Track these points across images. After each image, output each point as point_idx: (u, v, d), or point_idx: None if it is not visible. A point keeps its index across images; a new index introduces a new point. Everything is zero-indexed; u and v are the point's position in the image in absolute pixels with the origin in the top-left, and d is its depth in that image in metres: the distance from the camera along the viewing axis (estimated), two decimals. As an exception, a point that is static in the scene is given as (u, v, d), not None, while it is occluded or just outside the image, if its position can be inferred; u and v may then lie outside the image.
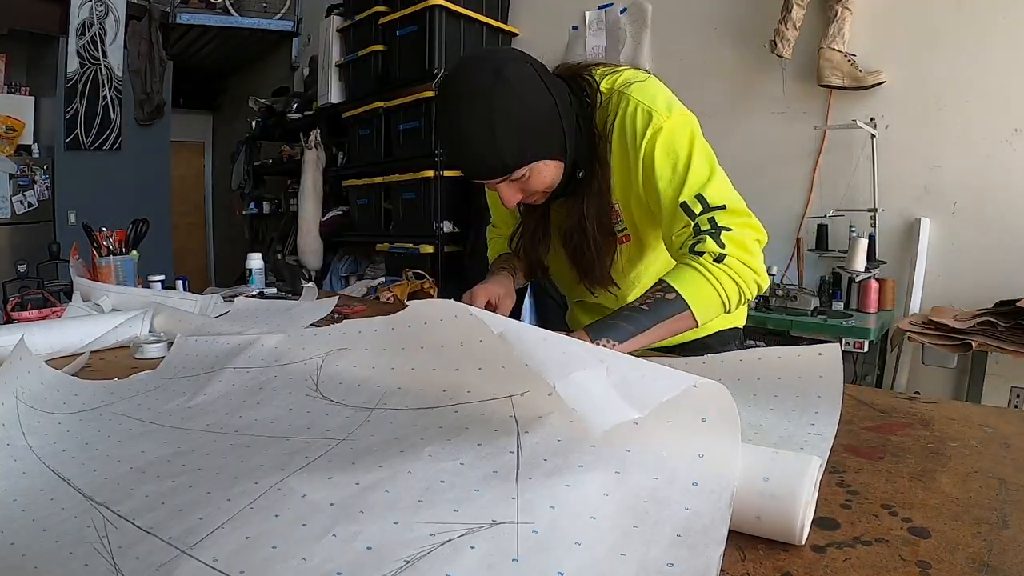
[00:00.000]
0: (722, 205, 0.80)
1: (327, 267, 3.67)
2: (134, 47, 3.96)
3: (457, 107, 0.76)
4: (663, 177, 0.83)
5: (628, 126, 0.85)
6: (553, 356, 0.42)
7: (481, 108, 0.75)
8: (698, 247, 0.78)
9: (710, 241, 0.77)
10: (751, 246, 0.79)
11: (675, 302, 0.75)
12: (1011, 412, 0.63)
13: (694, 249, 0.78)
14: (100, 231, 1.52)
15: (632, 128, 0.84)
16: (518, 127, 0.76)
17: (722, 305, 0.78)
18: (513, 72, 0.76)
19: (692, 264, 0.77)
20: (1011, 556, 0.36)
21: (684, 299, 0.75)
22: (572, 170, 0.86)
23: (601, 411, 0.37)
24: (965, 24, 2.00)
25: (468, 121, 0.75)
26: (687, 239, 0.80)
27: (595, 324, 0.75)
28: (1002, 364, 1.84)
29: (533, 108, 0.77)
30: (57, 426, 0.61)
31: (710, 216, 0.79)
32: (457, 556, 0.33)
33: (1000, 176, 1.97)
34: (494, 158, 0.77)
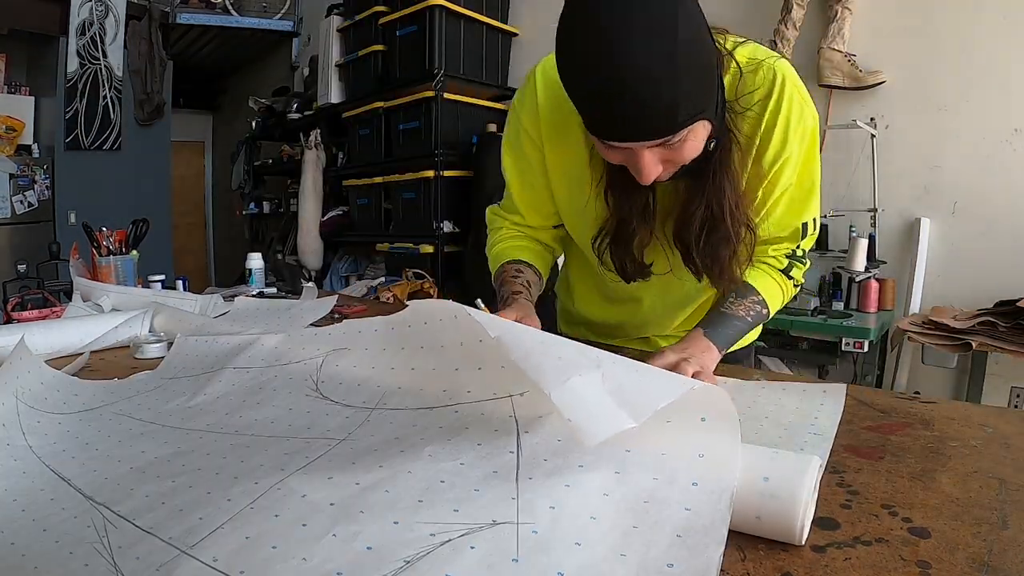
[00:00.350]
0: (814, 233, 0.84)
1: (327, 267, 3.67)
2: (134, 47, 3.96)
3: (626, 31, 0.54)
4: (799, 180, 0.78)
5: (784, 110, 0.72)
6: (549, 361, 0.42)
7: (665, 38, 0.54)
8: (792, 272, 0.84)
9: (798, 270, 0.84)
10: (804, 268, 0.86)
11: (765, 315, 0.82)
12: (1011, 412, 0.63)
13: (789, 273, 0.83)
14: (100, 231, 1.52)
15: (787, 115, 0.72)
16: (697, 71, 0.57)
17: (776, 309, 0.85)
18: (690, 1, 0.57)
19: (783, 285, 0.83)
20: (1011, 556, 0.36)
21: (770, 313, 0.82)
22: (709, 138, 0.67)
23: (596, 422, 0.37)
24: (965, 24, 2.00)
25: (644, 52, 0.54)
26: (782, 255, 0.83)
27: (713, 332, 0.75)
28: (1002, 364, 1.84)
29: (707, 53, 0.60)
30: (57, 426, 0.61)
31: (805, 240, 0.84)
32: (457, 556, 0.33)
33: (1000, 176, 1.97)
34: (668, 108, 0.57)
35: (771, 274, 0.82)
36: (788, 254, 0.83)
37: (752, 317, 0.78)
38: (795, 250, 0.83)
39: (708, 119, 0.63)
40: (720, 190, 0.71)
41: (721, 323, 0.76)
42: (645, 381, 0.41)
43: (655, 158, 0.63)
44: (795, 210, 0.80)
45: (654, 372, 0.43)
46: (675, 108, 0.57)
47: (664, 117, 0.58)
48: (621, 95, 0.56)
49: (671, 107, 0.57)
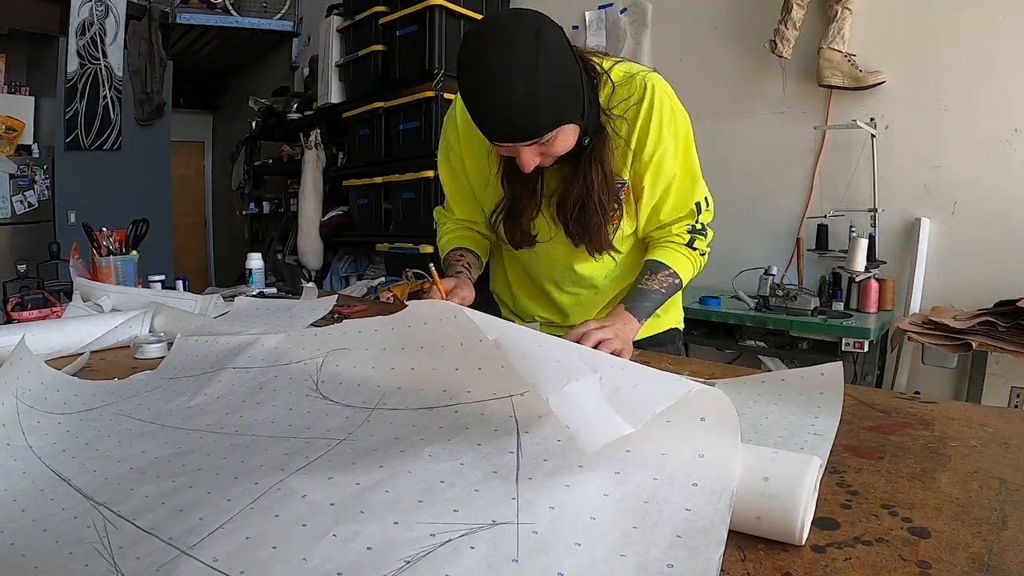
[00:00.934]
0: (709, 207, 1.01)
1: (327, 267, 3.67)
2: (134, 47, 3.96)
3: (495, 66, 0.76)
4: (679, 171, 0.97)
5: (656, 112, 0.93)
6: (547, 365, 0.42)
7: (524, 68, 0.75)
8: (696, 244, 0.99)
9: (700, 241, 1.00)
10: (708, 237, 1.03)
11: (678, 285, 0.98)
12: (1011, 412, 0.63)
13: (692, 245, 0.99)
14: (100, 231, 1.52)
15: (660, 116, 0.93)
16: (555, 89, 0.78)
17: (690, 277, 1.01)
18: (552, 35, 0.78)
19: (688, 256, 0.99)
20: (1011, 556, 0.36)
21: (682, 282, 0.99)
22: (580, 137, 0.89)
23: (594, 428, 0.37)
24: (965, 24, 2.00)
25: (509, 81, 0.75)
26: (683, 231, 0.99)
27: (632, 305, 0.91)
28: (1002, 364, 1.84)
29: (566, 72, 0.80)
30: (57, 426, 0.61)
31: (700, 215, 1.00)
32: (457, 556, 0.33)
33: (1000, 176, 1.97)
34: (530, 119, 0.78)
35: (677, 249, 0.98)
36: (688, 229, 0.99)
37: (666, 288, 0.95)
38: (694, 225, 0.99)
39: (575, 123, 0.84)
40: (590, 174, 0.92)
41: (639, 297, 0.93)
42: (642, 385, 0.41)
43: (532, 152, 0.84)
44: (685, 193, 0.99)
45: (652, 376, 0.42)
46: (537, 119, 0.78)
47: (529, 126, 0.79)
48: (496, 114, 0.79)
49: (533, 118, 0.78)
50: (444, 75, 2.75)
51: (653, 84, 0.94)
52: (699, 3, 2.55)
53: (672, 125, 0.94)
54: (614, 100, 0.93)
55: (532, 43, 0.76)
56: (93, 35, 3.75)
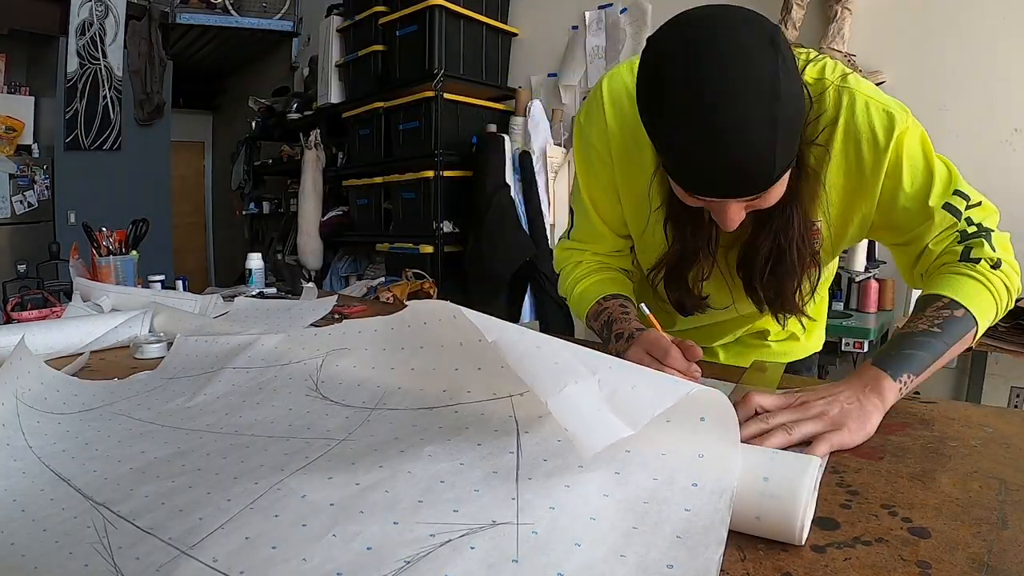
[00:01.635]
0: (979, 202, 0.71)
1: (327, 267, 3.67)
2: (134, 47, 3.96)
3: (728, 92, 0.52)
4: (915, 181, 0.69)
5: (864, 129, 0.67)
6: (546, 367, 0.42)
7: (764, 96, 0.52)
8: (974, 253, 0.67)
9: (985, 246, 0.67)
10: (1010, 247, 0.70)
11: (964, 320, 0.63)
12: (1011, 412, 0.63)
13: (969, 256, 0.67)
14: (100, 231, 1.52)
15: (870, 132, 0.67)
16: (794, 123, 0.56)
17: (996, 314, 0.67)
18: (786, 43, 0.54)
19: (971, 274, 0.66)
20: (1011, 556, 0.36)
21: (972, 315, 0.64)
22: None
23: (592, 432, 0.37)
24: (965, 24, 2.00)
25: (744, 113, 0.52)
26: (951, 244, 0.69)
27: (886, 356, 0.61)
28: (1002, 364, 1.84)
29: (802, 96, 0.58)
30: (57, 426, 0.61)
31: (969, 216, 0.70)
32: (457, 556, 0.33)
33: (1000, 176, 1.97)
34: (766, 168, 0.56)
35: (951, 270, 0.68)
36: (957, 239, 0.69)
37: (941, 326, 0.62)
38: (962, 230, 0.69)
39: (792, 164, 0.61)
40: (788, 222, 0.68)
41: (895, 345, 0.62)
42: (641, 386, 0.41)
43: (741, 207, 0.62)
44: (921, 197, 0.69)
45: (650, 377, 0.42)
46: (772, 167, 0.56)
47: (762, 177, 0.57)
48: (719, 156, 0.55)
49: (769, 167, 0.56)
50: (444, 75, 2.75)
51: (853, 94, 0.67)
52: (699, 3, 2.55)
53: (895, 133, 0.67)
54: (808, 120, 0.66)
55: (772, 59, 0.52)
56: (93, 35, 3.75)
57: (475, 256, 2.62)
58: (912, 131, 0.68)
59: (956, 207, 0.69)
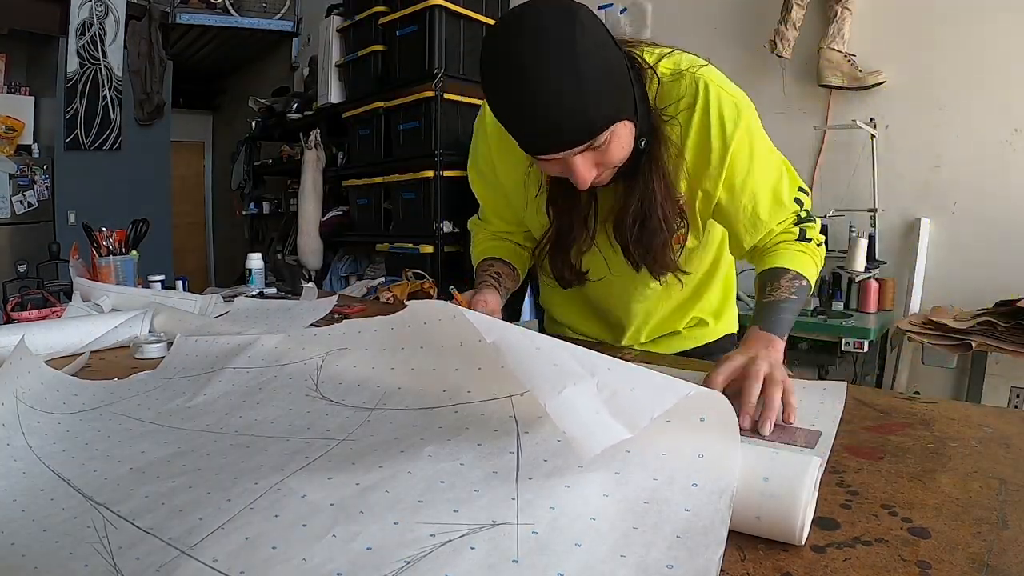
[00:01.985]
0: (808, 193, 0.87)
1: (327, 267, 3.67)
2: (134, 47, 3.96)
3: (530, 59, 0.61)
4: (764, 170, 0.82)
5: (714, 114, 0.77)
6: (544, 368, 0.42)
7: (564, 56, 0.61)
8: (808, 234, 0.84)
9: (811, 230, 0.85)
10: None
11: (807, 287, 0.80)
12: (1011, 412, 0.63)
13: (805, 236, 0.84)
14: (100, 231, 1.52)
15: (719, 117, 0.77)
16: (603, 78, 0.64)
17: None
18: (586, 15, 0.64)
19: (805, 251, 0.83)
20: (1011, 556, 0.36)
21: (810, 282, 0.81)
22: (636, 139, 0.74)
23: (591, 434, 0.37)
24: (965, 24, 2.00)
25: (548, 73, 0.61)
26: (789, 226, 0.85)
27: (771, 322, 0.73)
28: (1002, 364, 1.84)
29: (612, 61, 0.66)
30: (57, 426, 0.61)
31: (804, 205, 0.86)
32: (457, 557, 0.33)
33: (1000, 176, 1.97)
34: (580, 116, 0.63)
35: (791, 247, 0.83)
36: (796, 222, 0.85)
37: (796, 292, 0.78)
38: (800, 215, 0.85)
39: (628, 119, 0.69)
40: (649, 184, 0.78)
41: (771, 312, 0.75)
42: (640, 388, 0.41)
43: (587, 163, 0.69)
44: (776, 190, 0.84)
45: (649, 379, 0.42)
46: (587, 115, 0.64)
47: (580, 125, 0.65)
48: (537, 114, 0.63)
49: (583, 115, 0.63)
50: (444, 75, 2.75)
51: (706, 82, 0.78)
52: (699, 3, 2.55)
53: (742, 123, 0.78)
54: (662, 100, 0.78)
55: (568, 27, 0.61)
56: (93, 35, 3.75)
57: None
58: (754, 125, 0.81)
59: (801, 199, 0.85)
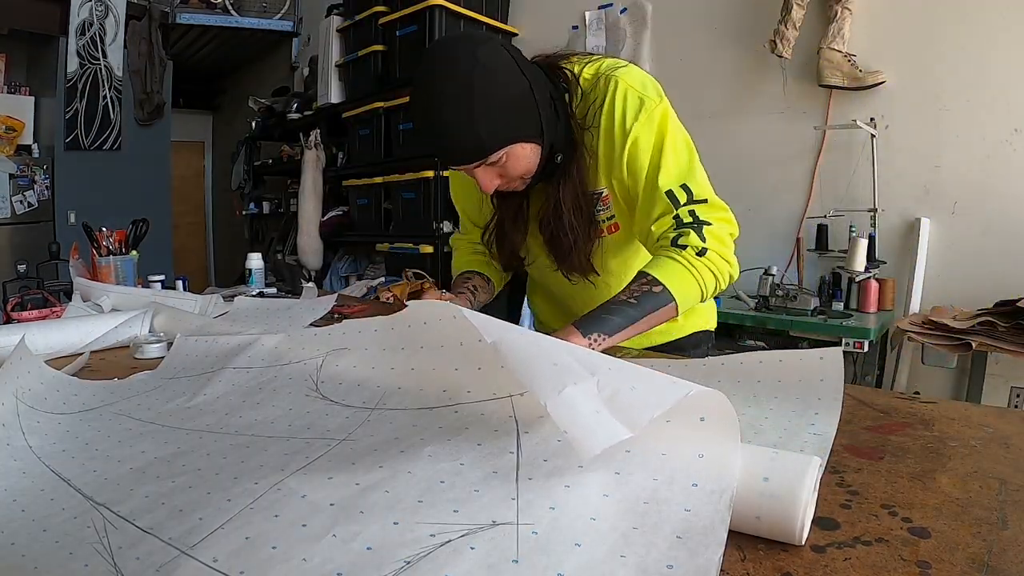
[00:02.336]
0: (704, 199, 0.84)
1: (327, 267, 3.67)
2: (134, 47, 3.96)
3: (433, 90, 0.75)
4: (650, 161, 0.85)
5: (618, 108, 0.84)
6: (545, 369, 0.42)
7: (457, 90, 0.74)
8: (681, 240, 0.81)
9: (693, 235, 0.81)
10: (727, 240, 0.84)
11: (661, 295, 0.78)
12: (1011, 412, 0.63)
13: (677, 242, 0.81)
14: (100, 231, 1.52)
15: (622, 110, 0.84)
16: (495, 108, 0.75)
17: (700, 296, 0.82)
18: (487, 54, 0.75)
19: (675, 257, 0.81)
20: (1011, 556, 0.36)
21: (670, 292, 0.78)
22: (550, 155, 0.84)
23: (591, 434, 0.37)
24: (965, 24, 2.00)
25: (444, 103, 0.74)
26: (668, 230, 0.83)
27: (584, 318, 0.77)
28: (1002, 364, 1.84)
29: (509, 90, 0.76)
30: (57, 426, 0.61)
31: (691, 208, 0.83)
32: (457, 557, 0.33)
33: (1000, 176, 1.97)
34: (471, 140, 0.76)
35: (662, 253, 0.83)
36: (673, 227, 0.83)
37: (637, 298, 0.77)
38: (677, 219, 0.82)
39: (531, 141, 0.80)
40: (558, 191, 0.87)
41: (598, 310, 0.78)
42: (641, 388, 0.41)
43: (488, 175, 0.81)
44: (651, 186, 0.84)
45: (650, 378, 0.42)
46: (479, 139, 0.76)
47: (471, 148, 0.77)
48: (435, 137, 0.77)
49: (474, 139, 0.76)
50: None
51: (616, 81, 0.85)
52: (699, 3, 2.55)
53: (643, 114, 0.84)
54: (583, 108, 0.87)
55: (466, 65, 0.73)
56: (93, 35, 3.75)
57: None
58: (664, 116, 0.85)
59: (677, 198, 0.83)
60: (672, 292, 0.78)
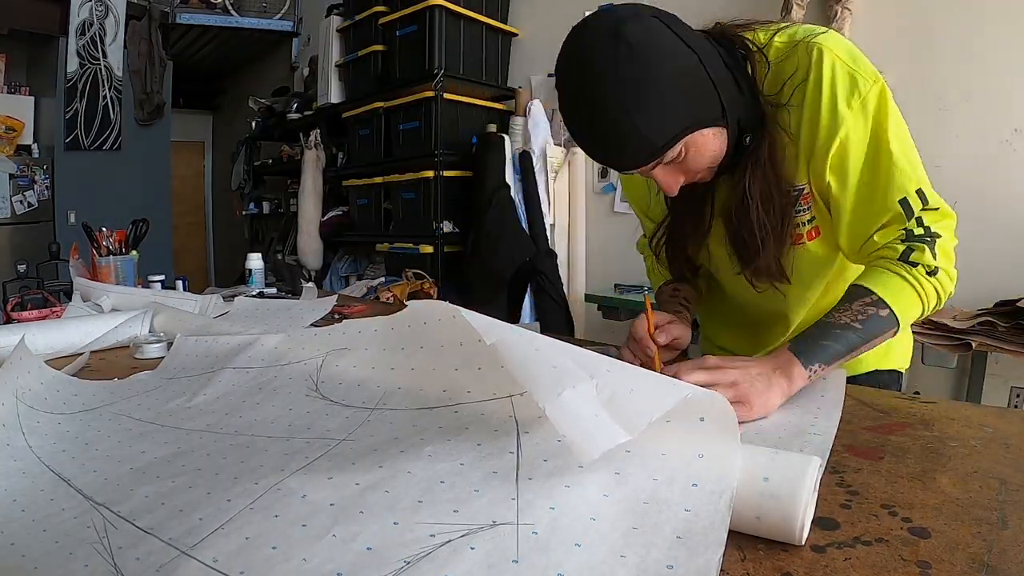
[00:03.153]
0: (937, 207, 0.71)
1: (327, 267, 3.67)
2: (134, 47, 3.96)
3: (579, 90, 0.63)
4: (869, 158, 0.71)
5: (826, 87, 0.69)
6: (543, 371, 0.42)
7: (606, 84, 0.60)
8: (913, 256, 0.68)
9: (927, 252, 0.68)
10: (953, 255, 0.71)
11: (888, 319, 0.66)
12: (1011, 412, 0.63)
13: (908, 259, 0.69)
14: (100, 231, 1.52)
15: (831, 90, 0.69)
16: (660, 96, 0.61)
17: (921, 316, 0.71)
18: (633, 31, 0.61)
19: (905, 275, 0.68)
20: (1011, 556, 0.36)
21: (896, 316, 0.66)
22: (739, 137, 0.70)
23: (590, 438, 0.37)
24: (965, 24, 2.00)
25: (595, 104, 0.62)
26: (895, 241, 0.70)
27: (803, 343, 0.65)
28: (1002, 364, 1.84)
29: (673, 69, 0.62)
30: (57, 426, 0.61)
31: (921, 217, 0.70)
32: (457, 557, 0.33)
33: (1000, 176, 1.97)
34: (638, 141, 0.63)
35: (887, 267, 0.69)
36: (902, 238, 0.70)
37: (863, 322, 0.65)
38: (909, 230, 0.69)
39: (714, 125, 0.66)
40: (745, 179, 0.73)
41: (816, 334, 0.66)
42: (639, 390, 0.41)
43: (669, 173, 0.69)
44: (883, 186, 0.70)
45: (649, 380, 0.42)
46: (648, 140, 0.63)
47: (638, 151, 0.64)
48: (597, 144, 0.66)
49: (639, 138, 0.63)
50: (444, 75, 2.76)
51: (820, 50, 0.69)
52: (699, 3, 2.55)
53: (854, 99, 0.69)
54: (776, 83, 0.72)
55: (610, 51, 0.60)
56: (93, 35, 3.75)
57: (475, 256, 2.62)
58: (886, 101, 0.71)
59: (911, 205, 0.70)
60: (898, 315, 0.66)
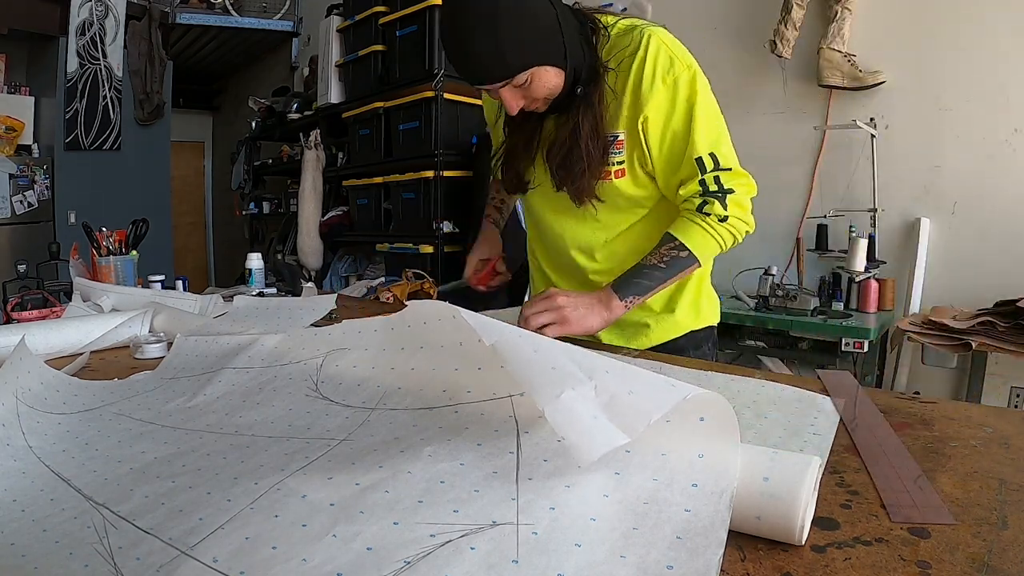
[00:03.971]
0: (729, 167, 0.91)
1: (327, 267, 3.67)
2: (134, 47, 3.96)
3: (461, 13, 0.79)
4: (677, 124, 0.89)
5: (649, 60, 0.88)
6: (543, 373, 0.42)
7: (484, 9, 0.77)
8: (707, 208, 0.90)
9: (717, 204, 0.89)
10: (747, 204, 0.93)
11: (687, 258, 0.90)
12: (1011, 412, 0.63)
13: (702, 209, 0.90)
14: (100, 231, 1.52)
15: (653, 64, 0.88)
16: (521, 29, 0.79)
17: (720, 251, 0.94)
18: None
19: (700, 223, 0.90)
20: (1011, 556, 0.36)
21: (695, 255, 0.90)
22: (572, 85, 0.88)
23: (589, 440, 0.37)
24: (965, 24, 2.00)
25: (472, 23, 0.78)
26: (693, 196, 0.91)
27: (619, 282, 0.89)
28: (1002, 364, 1.84)
29: (535, 14, 0.80)
30: (57, 426, 0.61)
31: (716, 175, 0.90)
32: (457, 557, 0.33)
33: (1000, 176, 1.97)
34: (497, 60, 0.80)
35: (688, 218, 0.91)
36: (699, 193, 0.90)
37: (667, 262, 0.89)
38: (704, 187, 0.90)
39: (555, 66, 0.84)
40: (578, 119, 0.90)
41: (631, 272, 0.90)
42: (639, 391, 0.41)
43: (513, 95, 0.86)
44: (679, 150, 0.90)
45: (648, 381, 0.42)
46: (504, 60, 0.80)
47: (495, 67, 0.81)
48: (463, 56, 0.81)
49: (499, 58, 0.79)
50: (444, 75, 2.75)
51: (650, 36, 0.89)
52: (699, 3, 2.55)
53: (669, 76, 0.88)
54: (611, 52, 0.91)
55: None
56: (93, 35, 3.74)
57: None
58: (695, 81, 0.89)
59: (704, 165, 0.89)
60: (696, 255, 0.90)
